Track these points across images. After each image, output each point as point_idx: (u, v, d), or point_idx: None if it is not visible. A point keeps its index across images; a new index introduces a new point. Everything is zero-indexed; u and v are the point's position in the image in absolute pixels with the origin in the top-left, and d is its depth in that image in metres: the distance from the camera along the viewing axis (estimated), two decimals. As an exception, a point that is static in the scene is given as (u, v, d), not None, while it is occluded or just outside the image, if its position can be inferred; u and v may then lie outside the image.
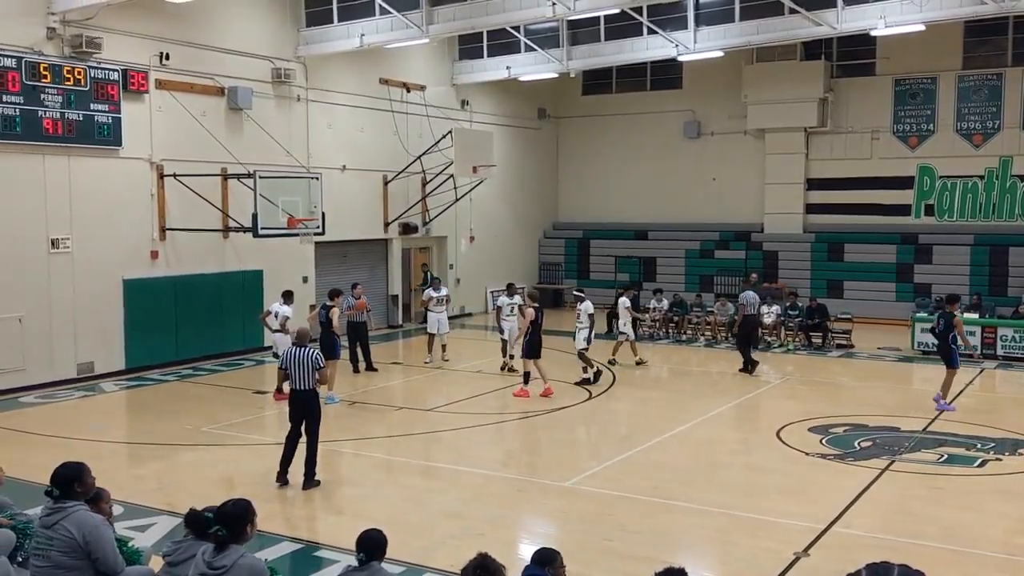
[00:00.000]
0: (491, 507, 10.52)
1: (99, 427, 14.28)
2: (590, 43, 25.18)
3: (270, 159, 20.29)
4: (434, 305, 19.67)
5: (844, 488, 11.03)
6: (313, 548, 9.18)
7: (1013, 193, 25.74)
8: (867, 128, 27.25)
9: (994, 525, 9.90)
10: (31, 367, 16.77)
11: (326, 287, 22.68)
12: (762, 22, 22.25)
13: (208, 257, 19.91)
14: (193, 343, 19.52)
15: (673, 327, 23.78)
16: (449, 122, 25.42)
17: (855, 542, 9.24)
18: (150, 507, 10.11)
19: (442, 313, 19.77)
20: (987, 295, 23.94)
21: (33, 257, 16.83)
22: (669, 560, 6.09)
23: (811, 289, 25.84)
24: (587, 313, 17.51)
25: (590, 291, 29.50)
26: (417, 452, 13.18)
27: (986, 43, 25.91)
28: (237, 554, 5.18)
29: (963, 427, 14.09)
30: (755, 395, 17.02)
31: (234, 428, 14.13)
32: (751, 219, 28.89)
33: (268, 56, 21.14)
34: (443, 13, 20.67)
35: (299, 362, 10.99)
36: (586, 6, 18.98)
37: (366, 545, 5.41)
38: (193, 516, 6.05)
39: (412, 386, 18.26)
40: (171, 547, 6.08)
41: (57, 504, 6.05)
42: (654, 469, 11.84)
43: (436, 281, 20.91)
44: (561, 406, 15.65)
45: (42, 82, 16.54)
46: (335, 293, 16.97)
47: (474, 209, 27.48)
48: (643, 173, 30.31)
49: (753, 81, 27.73)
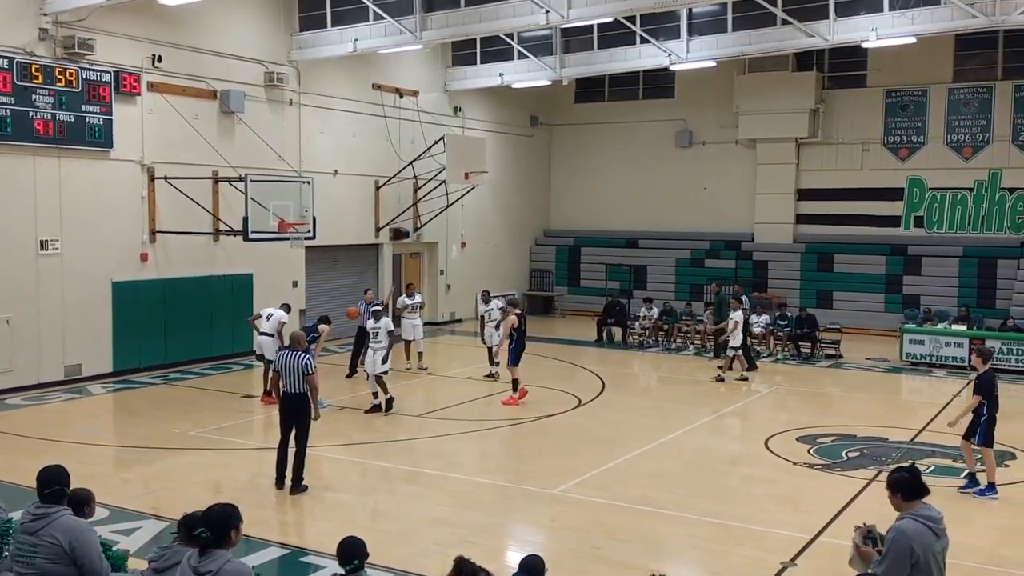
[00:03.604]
0: (479, 514, 10.51)
1: (88, 431, 14.21)
2: (583, 51, 25.22)
3: (262, 163, 20.26)
4: (408, 312, 19.65)
5: (832, 498, 11.05)
6: (300, 553, 9.15)
7: (1002, 206, 25.88)
8: (858, 139, 27.37)
9: (980, 536, 9.93)
10: (18, 369, 16.67)
11: (316, 292, 22.83)
12: (754, 33, 22.34)
13: (198, 260, 19.86)
14: (182, 346, 19.45)
15: (663, 335, 23.82)
16: (442, 128, 25.43)
17: (842, 552, 9.19)
18: (136, 511, 10.05)
19: (416, 320, 19.75)
20: (975, 307, 24.02)
21: (22, 259, 16.75)
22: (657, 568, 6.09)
23: (800, 299, 25.90)
24: (386, 331, 15.49)
25: (581, 299, 30.00)
26: (404, 458, 13.16)
27: (977, 56, 26.07)
28: (223, 559, 5.15)
29: (951, 439, 14.10)
30: (744, 404, 17.05)
31: (222, 432, 14.08)
32: (742, 228, 28.97)
33: (261, 60, 21.11)
34: (436, 19, 20.69)
35: (290, 366, 11.00)
36: (579, 14, 19.01)
37: (354, 552, 5.37)
38: (188, 520, 5.82)
39: (400, 392, 18.21)
40: (157, 553, 6.02)
41: (40, 509, 6.00)
42: (643, 477, 11.85)
43: (410, 287, 20.85)
44: (549, 413, 15.64)
45: (33, 83, 16.48)
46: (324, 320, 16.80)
47: (466, 215, 27.49)
48: (635, 181, 30.37)
49: (745, 91, 27.84)
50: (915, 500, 5.36)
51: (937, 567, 5.17)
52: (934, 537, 5.21)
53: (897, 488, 5.42)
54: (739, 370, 19.10)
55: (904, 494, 5.38)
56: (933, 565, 5.13)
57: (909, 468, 5.46)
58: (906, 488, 5.38)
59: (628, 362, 22.09)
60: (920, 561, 5.06)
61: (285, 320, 16.48)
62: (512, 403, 16.25)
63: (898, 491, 5.40)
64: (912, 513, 5.27)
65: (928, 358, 20.95)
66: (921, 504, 5.31)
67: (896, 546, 5.10)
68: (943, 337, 21.05)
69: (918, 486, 5.36)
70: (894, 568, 5.05)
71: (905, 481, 5.38)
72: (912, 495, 5.36)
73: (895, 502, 5.44)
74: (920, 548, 5.09)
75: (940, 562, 5.23)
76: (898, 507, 5.41)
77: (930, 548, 5.14)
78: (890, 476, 5.51)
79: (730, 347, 19.06)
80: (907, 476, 5.40)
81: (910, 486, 5.35)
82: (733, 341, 18.96)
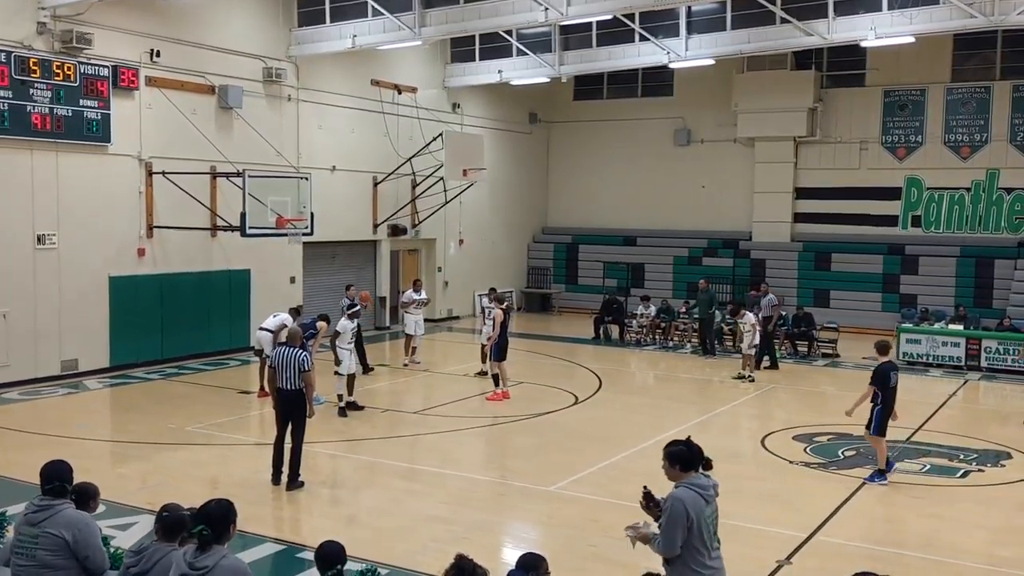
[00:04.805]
0: (476, 511, 10.52)
1: (85, 426, 14.21)
2: (582, 48, 25.21)
3: (260, 158, 20.23)
4: (414, 308, 19.68)
5: (827, 497, 11.07)
6: (296, 549, 9.14)
7: (1000, 206, 25.91)
8: (856, 138, 27.39)
9: (975, 536, 9.96)
10: (15, 363, 16.64)
11: (314, 288, 22.80)
12: (753, 31, 22.34)
13: (195, 256, 19.83)
14: (179, 342, 19.42)
15: (660, 333, 23.84)
16: (440, 125, 25.41)
17: (837, 550, 9.28)
18: (133, 506, 10.04)
19: (419, 316, 19.81)
20: (972, 307, 24.06)
21: (19, 253, 16.72)
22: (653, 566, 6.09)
23: (798, 298, 25.92)
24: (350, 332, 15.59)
25: (578, 296, 30.01)
26: (401, 455, 13.16)
27: (975, 56, 26.08)
28: (219, 555, 5.13)
29: (946, 438, 14.16)
30: (740, 403, 17.06)
31: (219, 428, 14.08)
32: (739, 227, 28.98)
33: (259, 55, 21.08)
34: (435, 16, 20.67)
35: (287, 362, 10.99)
36: (578, 12, 19.00)
37: (335, 558, 5.21)
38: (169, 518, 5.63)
39: (397, 388, 18.23)
40: (132, 558, 5.65)
41: (44, 502, 5.99)
42: (640, 475, 11.77)
43: (417, 283, 20.87)
44: (546, 411, 15.65)
45: (31, 77, 16.44)
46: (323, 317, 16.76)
47: (464, 212, 27.48)
48: (633, 179, 30.37)
49: (743, 90, 27.82)
50: (690, 471, 5.82)
51: (707, 530, 5.72)
52: (704, 503, 5.73)
53: (675, 460, 5.86)
54: (745, 369, 19.00)
55: (682, 466, 5.83)
56: (704, 528, 5.69)
57: (686, 441, 5.92)
58: (684, 460, 5.83)
59: (625, 360, 22.11)
60: (694, 525, 5.65)
61: (289, 322, 16.35)
62: (497, 399, 16.27)
63: (676, 463, 5.85)
64: (686, 482, 5.77)
65: (925, 357, 20.98)
66: (694, 474, 5.82)
67: (674, 511, 5.66)
68: (940, 337, 21.08)
69: (693, 458, 5.85)
70: (672, 531, 5.66)
71: (683, 454, 5.85)
72: (688, 466, 5.82)
73: (672, 473, 5.86)
74: (694, 513, 5.65)
75: (711, 526, 5.76)
76: (675, 477, 5.84)
77: (702, 512, 5.70)
78: (668, 448, 5.92)
79: (750, 346, 19.04)
80: (684, 449, 5.86)
81: (687, 458, 5.84)
82: (752, 340, 18.99)
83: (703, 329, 22.19)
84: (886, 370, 11.78)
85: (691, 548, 5.67)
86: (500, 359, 16.60)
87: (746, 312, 19.43)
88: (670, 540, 5.68)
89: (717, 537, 5.84)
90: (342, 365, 15.26)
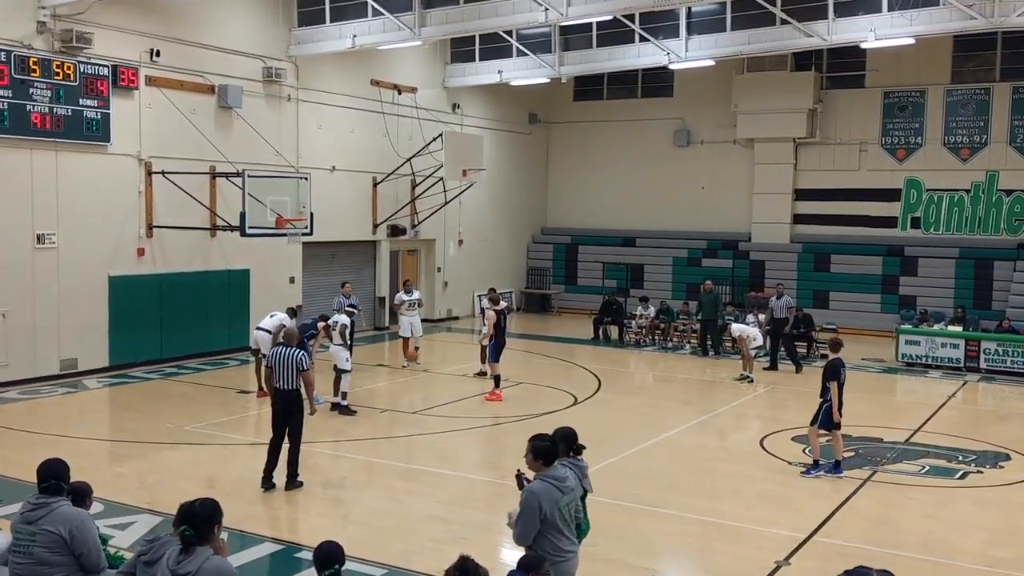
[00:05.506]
0: (474, 511, 10.52)
1: (83, 425, 14.20)
2: (582, 49, 25.21)
3: (259, 158, 20.24)
4: (406, 309, 19.65)
5: (826, 497, 11.08)
6: (294, 549, 9.14)
7: (999, 207, 25.91)
8: (855, 140, 27.39)
9: (973, 537, 9.96)
10: (14, 363, 16.64)
11: (313, 288, 22.79)
12: (753, 32, 22.34)
13: (195, 255, 19.83)
14: (178, 341, 19.42)
15: (659, 334, 23.84)
16: (440, 125, 25.42)
17: (836, 551, 9.28)
18: (131, 505, 10.05)
19: (414, 316, 19.76)
20: (971, 308, 24.05)
21: (18, 252, 16.71)
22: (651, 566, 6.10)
23: (797, 299, 25.90)
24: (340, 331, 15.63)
25: (578, 297, 30.00)
26: (400, 455, 13.17)
27: (975, 58, 26.09)
28: (203, 557, 5.05)
29: (945, 439, 14.16)
30: (739, 403, 17.06)
31: (217, 427, 14.08)
32: (739, 228, 28.98)
33: (259, 55, 21.08)
34: (435, 16, 20.67)
35: (284, 362, 10.96)
36: (578, 12, 19.01)
37: (332, 558, 5.14)
38: None
39: (396, 388, 18.23)
40: (145, 546, 5.84)
41: (40, 499, 5.99)
42: (637, 475, 11.86)
43: (407, 284, 20.83)
44: (545, 411, 15.64)
45: (31, 76, 16.44)
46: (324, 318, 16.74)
47: (463, 213, 27.48)
48: (632, 180, 30.37)
49: (743, 91, 27.83)
50: (552, 464, 6.07)
51: (563, 519, 5.96)
52: (560, 494, 5.97)
53: (538, 455, 6.07)
54: (746, 369, 18.99)
55: (544, 460, 6.05)
56: (559, 517, 5.92)
57: (550, 437, 6.24)
58: (547, 455, 6.06)
59: (624, 361, 22.11)
60: (547, 516, 5.88)
61: (287, 322, 16.36)
62: (495, 398, 16.28)
63: (539, 457, 6.07)
64: (543, 475, 6.00)
65: (924, 359, 20.98)
66: (556, 467, 6.09)
67: (527, 505, 5.90)
68: (939, 338, 21.08)
69: (556, 453, 6.14)
70: (525, 524, 5.90)
71: (547, 449, 6.09)
72: (551, 461, 6.07)
73: (535, 465, 6.07)
74: (547, 504, 5.88)
75: (567, 515, 6.00)
76: (536, 469, 6.07)
77: (556, 503, 5.93)
78: (533, 442, 6.12)
79: (754, 346, 19.05)
80: (549, 445, 6.11)
81: (551, 453, 6.09)
82: (757, 341, 18.99)
83: (704, 330, 22.18)
84: (837, 365, 12.09)
85: (547, 536, 5.90)
86: (495, 360, 16.60)
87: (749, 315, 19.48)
88: (521, 532, 5.92)
89: (587, 520, 6.26)
90: (348, 362, 15.33)
